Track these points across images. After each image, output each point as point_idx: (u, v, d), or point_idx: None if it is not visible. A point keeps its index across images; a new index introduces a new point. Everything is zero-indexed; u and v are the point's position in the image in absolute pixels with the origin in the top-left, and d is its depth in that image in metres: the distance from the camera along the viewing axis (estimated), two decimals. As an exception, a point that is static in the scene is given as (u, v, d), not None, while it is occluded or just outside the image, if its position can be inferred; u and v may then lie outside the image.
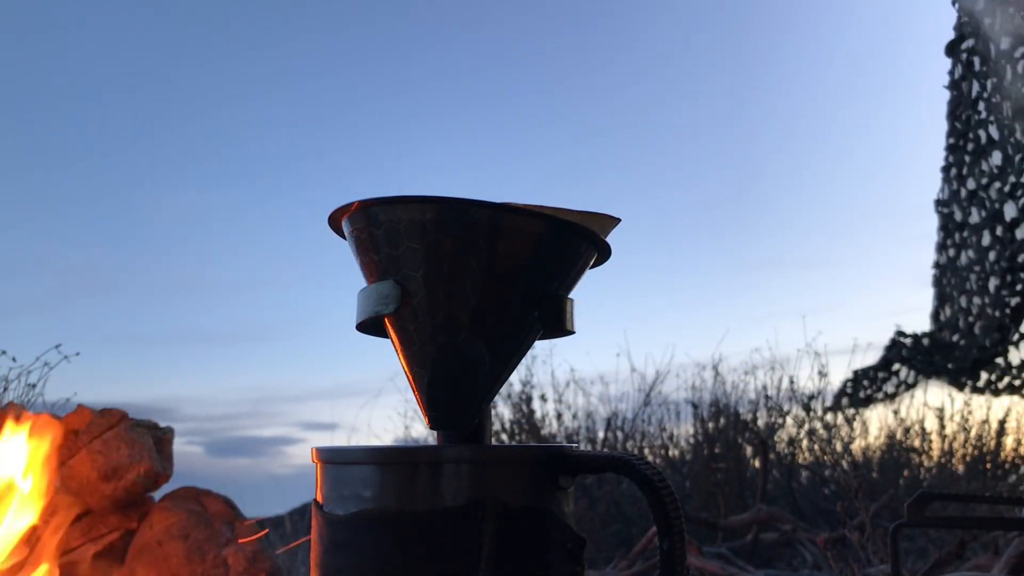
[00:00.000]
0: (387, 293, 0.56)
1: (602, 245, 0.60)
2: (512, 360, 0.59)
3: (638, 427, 4.10)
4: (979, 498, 1.14)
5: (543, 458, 0.56)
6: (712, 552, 2.19)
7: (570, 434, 4.00)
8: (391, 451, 0.56)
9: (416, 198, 0.55)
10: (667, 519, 0.54)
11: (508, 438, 3.96)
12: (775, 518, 2.63)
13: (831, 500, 3.43)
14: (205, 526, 1.63)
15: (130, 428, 1.71)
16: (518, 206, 0.60)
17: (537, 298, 0.57)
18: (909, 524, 1.01)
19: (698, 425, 4.00)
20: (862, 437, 4.31)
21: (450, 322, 0.56)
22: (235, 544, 1.61)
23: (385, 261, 0.56)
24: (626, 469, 0.55)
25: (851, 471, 3.10)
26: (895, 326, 5.18)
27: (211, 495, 1.73)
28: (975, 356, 4.36)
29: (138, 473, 1.66)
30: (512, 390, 3.94)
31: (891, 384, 5.14)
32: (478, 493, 0.53)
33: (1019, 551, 1.38)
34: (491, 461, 0.56)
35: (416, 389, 0.59)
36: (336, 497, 0.56)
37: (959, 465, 4.07)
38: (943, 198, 4.83)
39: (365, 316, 0.58)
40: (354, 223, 0.58)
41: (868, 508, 1.81)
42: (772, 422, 4.13)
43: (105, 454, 1.65)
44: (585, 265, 0.60)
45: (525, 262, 0.56)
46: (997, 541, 1.85)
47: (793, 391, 4.17)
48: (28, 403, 2.36)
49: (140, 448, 1.68)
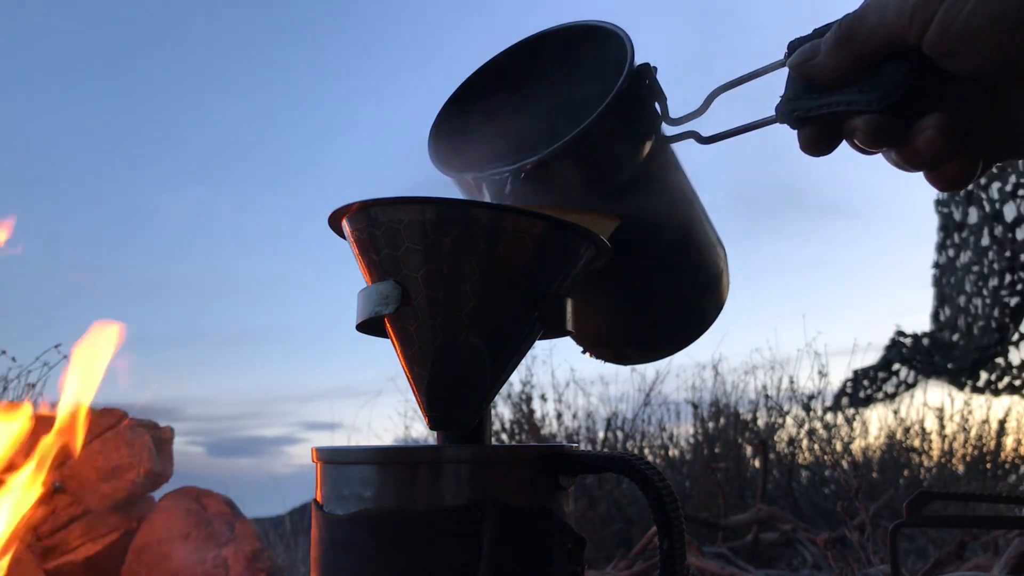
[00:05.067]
0: (387, 293, 0.56)
1: (602, 245, 0.60)
2: (512, 360, 0.59)
3: (638, 427, 4.10)
4: (979, 497, 1.14)
5: (543, 458, 0.56)
6: (712, 552, 2.19)
7: (570, 434, 4.00)
8: (391, 451, 0.56)
9: (416, 199, 0.55)
10: (667, 519, 0.54)
11: (508, 438, 3.96)
12: (775, 518, 2.64)
13: (831, 500, 3.43)
14: (205, 526, 1.63)
15: (130, 428, 1.71)
16: (518, 207, 0.60)
17: (537, 298, 0.57)
18: (908, 524, 1.01)
19: (698, 425, 4.00)
20: (862, 437, 4.31)
21: (450, 322, 0.56)
22: (235, 544, 1.61)
23: (385, 261, 0.57)
24: (626, 469, 0.55)
25: (851, 471, 3.10)
26: (895, 326, 5.18)
27: (211, 495, 1.73)
28: (975, 356, 4.36)
29: (138, 473, 1.66)
30: (512, 390, 3.94)
31: (891, 384, 5.14)
32: (478, 493, 0.53)
33: (1019, 551, 1.38)
34: (491, 461, 0.56)
35: (416, 389, 0.59)
36: (336, 497, 0.56)
37: (959, 465, 4.07)
38: (943, 198, 4.83)
39: (365, 316, 0.58)
40: (354, 224, 0.58)
41: (868, 508, 1.81)
42: (772, 422, 4.13)
43: (105, 454, 1.65)
44: (586, 265, 0.60)
45: (525, 262, 0.56)
46: (997, 541, 1.85)
47: (793, 391, 4.17)
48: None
49: (140, 448, 1.68)
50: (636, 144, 0.64)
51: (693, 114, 0.63)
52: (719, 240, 0.74)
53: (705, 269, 0.72)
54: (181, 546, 1.60)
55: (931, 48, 0.48)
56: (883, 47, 0.50)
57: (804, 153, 0.55)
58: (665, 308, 0.73)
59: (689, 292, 0.73)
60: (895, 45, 0.49)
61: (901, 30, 0.48)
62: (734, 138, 0.61)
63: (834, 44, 0.51)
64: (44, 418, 1.62)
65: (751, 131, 0.60)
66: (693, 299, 0.73)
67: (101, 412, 1.73)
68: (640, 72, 0.63)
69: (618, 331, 0.75)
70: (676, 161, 0.70)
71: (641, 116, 0.64)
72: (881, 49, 0.50)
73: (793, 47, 0.55)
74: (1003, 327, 4.25)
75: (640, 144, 0.64)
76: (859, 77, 0.51)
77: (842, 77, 0.52)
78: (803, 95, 0.54)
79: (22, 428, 1.51)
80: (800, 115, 0.54)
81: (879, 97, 0.50)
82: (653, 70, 0.64)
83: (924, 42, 0.48)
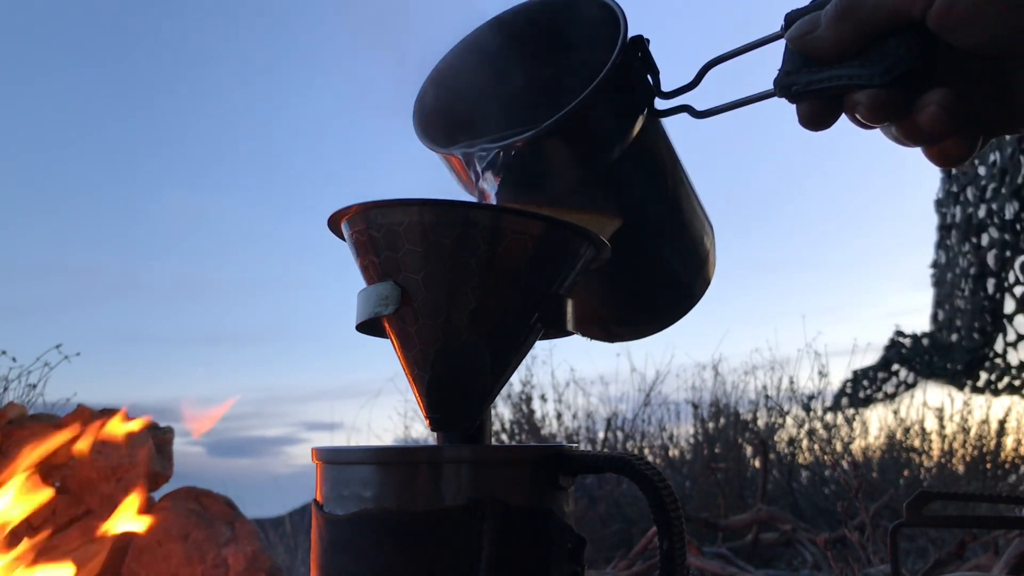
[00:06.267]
0: (387, 294, 0.56)
1: (602, 245, 0.60)
2: (513, 361, 0.59)
3: (638, 427, 4.10)
4: (978, 497, 1.14)
5: (543, 458, 0.56)
6: (712, 552, 2.19)
7: (570, 434, 4.00)
8: (391, 451, 0.56)
9: (415, 200, 0.55)
10: (667, 519, 0.54)
11: (508, 438, 3.96)
12: (775, 518, 2.64)
13: (831, 500, 3.43)
14: (205, 526, 1.63)
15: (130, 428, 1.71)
16: (518, 207, 0.60)
17: (538, 299, 0.57)
18: (908, 523, 1.01)
19: (698, 425, 4.00)
20: (862, 437, 4.31)
21: (450, 324, 0.56)
22: (235, 544, 1.61)
23: (385, 263, 0.57)
24: (626, 469, 0.55)
25: (851, 471, 3.10)
26: (894, 326, 5.18)
27: (211, 495, 1.73)
28: (971, 357, 4.36)
29: (138, 473, 1.66)
30: (512, 390, 3.94)
31: (891, 384, 5.14)
32: (478, 493, 0.53)
33: (1019, 551, 1.38)
34: (491, 461, 0.56)
35: (416, 391, 0.59)
36: (336, 497, 0.56)
37: (959, 465, 4.07)
38: (943, 198, 4.82)
39: (365, 317, 0.58)
40: (353, 226, 0.58)
41: (868, 508, 1.81)
42: (772, 422, 4.13)
43: (105, 454, 1.65)
44: (585, 266, 0.60)
45: (525, 263, 0.56)
46: (997, 541, 1.85)
47: (793, 391, 4.17)
48: (28, 403, 2.36)
49: (140, 448, 1.68)
50: (629, 119, 0.63)
51: (686, 87, 0.62)
52: (707, 217, 0.74)
53: (694, 246, 0.72)
54: (181, 546, 1.60)
55: (936, 22, 0.47)
56: (886, 21, 0.49)
57: (803, 127, 0.54)
58: (654, 285, 0.73)
59: (678, 269, 0.73)
60: (899, 19, 0.49)
61: (906, 4, 0.48)
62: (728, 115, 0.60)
63: (835, 17, 0.51)
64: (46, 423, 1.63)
65: (747, 105, 0.59)
66: (682, 276, 0.73)
67: (101, 412, 1.73)
68: (633, 44, 0.62)
69: (607, 310, 0.75)
70: (666, 137, 0.69)
71: (635, 90, 0.63)
72: (884, 23, 0.49)
73: (790, 19, 0.54)
74: (994, 328, 4.25)
75: (633, 119, 0.63)
76: (860, 51, 0.50)
77: (843, 51, 0.51)
78: (802, 68, 0.53)
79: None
80: (799, 89, 0.53)
81: (882, 71, 0.49)
82: (646, 42, 0.62)
83: (929, 16, 0.47)
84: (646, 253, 0.70)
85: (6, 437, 1.63)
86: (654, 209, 0.69)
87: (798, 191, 6.87)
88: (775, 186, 6.00)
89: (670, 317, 0.75)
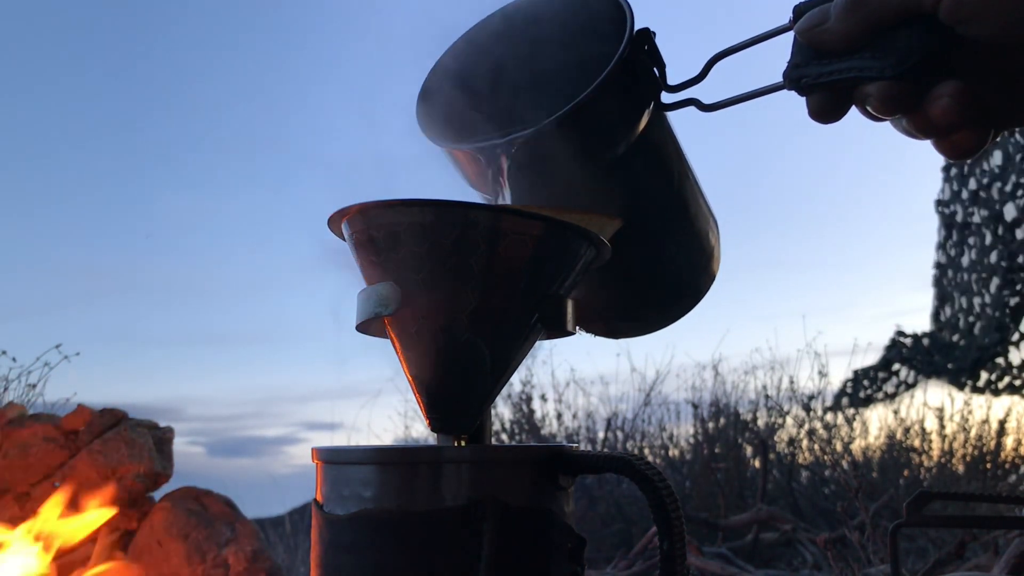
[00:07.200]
0: (387, 295, 0.56)
1: (602, 245, 0.60)
2: (513, 362, 0.59)
3: (638, 427, 4.09)
4: (979, 497, 1.14)
5: (543, 458, 0.56)
6: (712, 552, 2.19)
7: (570, 434, 3.99)
8: (391, 451, 0.56)
9: (415, 201, 0.55)
10: (667, 519, 0.54)
11: (508, 438, 3.95)
12: (775, 518, 2.64)
13: (831, 500, 3.43)
14: (205, 526, 1.63)
15: (130, 428, 1.71)
16: (518, 207, 0.60)
17: (538, 299, 0.57)
18: (908, 524, 1.01)
19: (698, 425, 4.00)
20: (862, 437, 4.31)
21: (450, 324, 0.56)
22: (235, 544, 1.61)
23: (385, 264, 0.56)
24: (626, 469, 0.55)
25: (851, 471, 3.10)
26: (895, 326, 5.18)
27: (211, 495, 1.73)
28: (975, 356, 4.36)
29: (138, 473, 1.66)
30: (512, 390, 3.94)
31: (891, 384, 5.14)
32: (478, 493, 0.53)
33: (1019, 551, 1.38)
34: (491, 461, 0.56)
35: (417, 391, 0.59)
36: (336, 497, 0.56)
37: (959, 465, 4.07)
38: (943, 198, 4.83)
39: (365, 317, 0.58)
40: (353, 226, 0.58)
41: (868, 508, 1.81)
42: (772, 422, 4.13)
43: (105, 454, 1.65)
44: (586, 266, 0.60)
45: (525, 263, 0.56)
46: (997, 541, 1.85)
47: (793, 391, 4.17)
48: (28, 403, 2.36)
49: (140, 448, 1.68)
50: (636, 113, 0.63)
51: (692, 81, 0.62)
52: (712, 213, 0.74)
53: (699, 242, 0.72)
54: (181, 546, 1.60)
55: (948, 14, 0.47)
56: (898, 13, 0.49)
57: (812, 120, 0.54)
58: (659, 282, 0.72)
59: (683, 265, 0.72)
60: (910, 11, 0.48)
61: None
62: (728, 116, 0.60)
63: (845, 9, 0.50)
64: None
65: (756, 99, 0.58)
66: (687, 272, 0.73)
67: (101, 412, 1.73)
68: (640, 37, 0.61)
69: (611, 305, 0.74)
70: (672, 132, 0.68)
71: (641, 83, 0.62)
72: (896, 15, 0.49)
73: (799, 11, 0.54)
74: (1003, 327, 4.25)
75: (640, 112, 0.63)
76: (870, 43, 0.50)
77: (853, 43, 0.50)
78: (811, 61, 0.52)
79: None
80: (809, 82, 0.52)
81: (893, 63, 0.49)
82: (652, 35, 0.62)
83: (941, 8, 0.47)
84: (651, 248, 0.70)
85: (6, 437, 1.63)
86: (659, 203, 0.69)
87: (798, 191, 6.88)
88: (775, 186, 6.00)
89: (675, 312, 0.75)
